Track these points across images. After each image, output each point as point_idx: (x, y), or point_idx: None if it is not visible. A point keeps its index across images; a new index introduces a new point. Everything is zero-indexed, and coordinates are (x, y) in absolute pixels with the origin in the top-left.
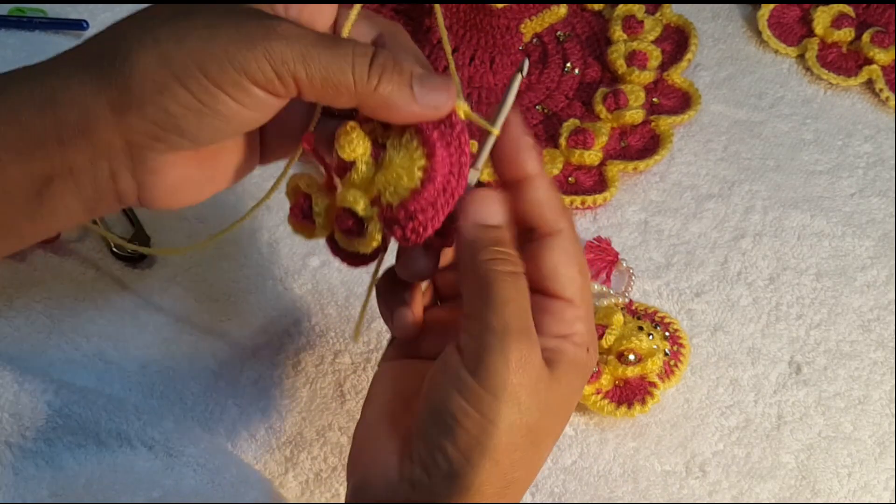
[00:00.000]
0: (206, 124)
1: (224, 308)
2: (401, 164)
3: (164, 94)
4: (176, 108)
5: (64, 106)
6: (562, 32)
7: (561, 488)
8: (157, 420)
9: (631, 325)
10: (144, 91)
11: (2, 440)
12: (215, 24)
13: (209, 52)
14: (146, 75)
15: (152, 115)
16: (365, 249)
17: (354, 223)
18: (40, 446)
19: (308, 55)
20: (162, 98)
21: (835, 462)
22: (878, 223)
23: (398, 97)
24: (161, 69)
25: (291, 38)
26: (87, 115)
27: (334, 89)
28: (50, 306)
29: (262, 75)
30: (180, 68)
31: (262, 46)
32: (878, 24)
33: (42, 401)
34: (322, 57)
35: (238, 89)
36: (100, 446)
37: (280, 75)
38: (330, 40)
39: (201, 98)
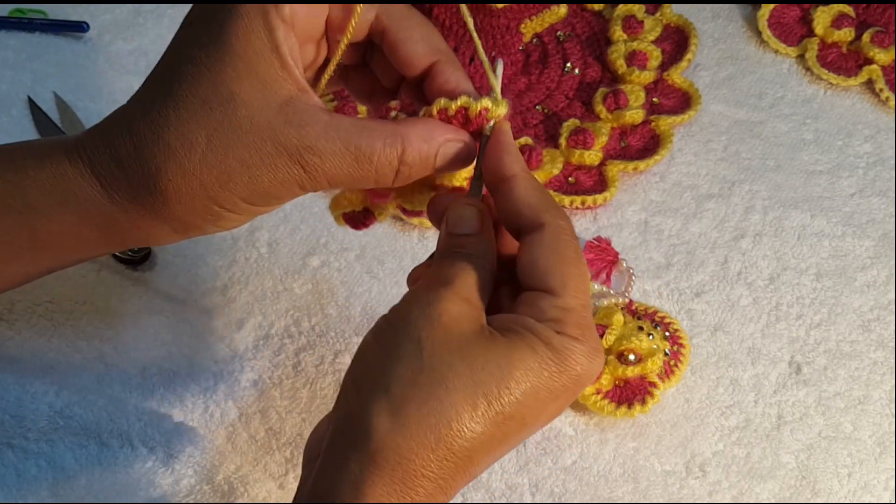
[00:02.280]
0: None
1: (224, 309)
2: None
3: (220, 220)
4: (229, 224)
5: (127, 229)
6: (562, 32)
7: (561, 488)
8: (158, 421)
9: (631, 325)
10: (202, 221)
11: (4, 441)
12: (252, 165)
13: (252, 192)
14: (202, 212)
15: (211, 230)
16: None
17: None
18: (42, 447)
19: (335, 181)
20: (218, 222)
21: (835, 462)
22: (878, 223)
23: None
24: (213, 206)
25: (321, 171)
26: (150, 234)
27: (359, 187)
28: (51, 309)
29: (294, 196)
30: (230, 204)
31: (296, 183)
32: (878, 24)
33: (44, 402)
34: (346, 177)
35: (277, 204)
36: (101, 447)
37: (306, 189)
38: (354, 158)
39: (248, 214)
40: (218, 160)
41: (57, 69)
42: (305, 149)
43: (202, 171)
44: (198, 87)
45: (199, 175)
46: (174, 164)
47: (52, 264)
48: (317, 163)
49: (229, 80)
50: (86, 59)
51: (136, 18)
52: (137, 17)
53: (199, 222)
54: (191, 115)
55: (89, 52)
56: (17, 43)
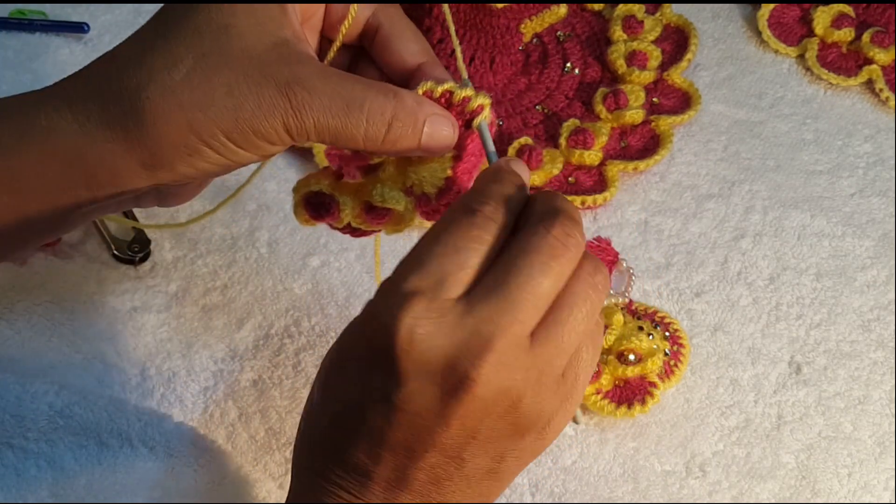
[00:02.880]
0: (225, 169)
1: (224, 309)
2: (435, 159)
3: (194, 156)
4: (203, 165)
5: (94, 164)
6: (562, 32)
7: (561, 488)
8: (158, 421)
9: (631, 325)
10: (175, 154)
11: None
12: (237, 90)
13: (234, 122)
14: (176, 141)
15: (182, 171)
16: (395, 230)
17: (386, 213)
18: (42, 447)
19: (321, 125)
20: (192, 159)
21: (835, 462)
22: (878, 223)
23: (408, 149)
24: (190, 135)
25: (305, 108)
26: (118, 172)
27: (346, 144)
28: (51, 309)
29: (279, 139)
30: (208, 135)
31: (280, 119)
32: (878, 24)
33: (43, 402)
34: (334, 123)
35: (258, 149)
36: (101, 447)
37: (294, 137)
38: (344, 103)
39: (226, 156)
40: (201, 81)
41: (57, 69)
42: (296, 81)
43: (183, 90)
44: (192, 16)
45: (180, 94)
46: (154, 83)
47: (12, 211)
48: (305, 98)
49: (226, 13)
50: (86, 60)
51: (136, 19)
52: (137, 18)
53: (172, 155)
54: (180, 40)
55: (89, 52)
56: (17, 44)
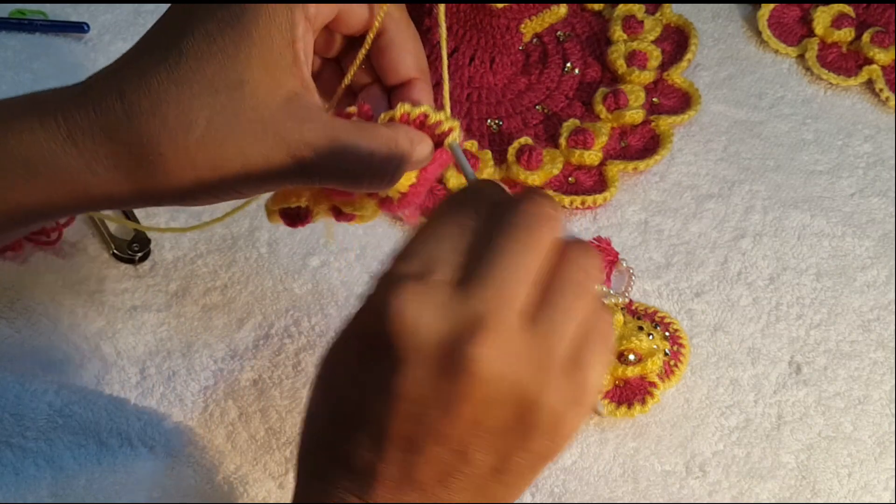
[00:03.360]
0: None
1: (224, 309)
2: None
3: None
4: (201, 203)
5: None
6: (562, 32)
7: (561, 488)
8: (158, 420)
9: (631, 325)
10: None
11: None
12: (249, 155)
13: (244, 180)
14: (183, 191)
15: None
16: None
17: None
18: (41, 446)
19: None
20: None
21: (835, 462)
22: (878, 223)
23: None
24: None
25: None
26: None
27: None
28: (51, 308)
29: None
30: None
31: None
32: (878, 24)
33: (43, 401)
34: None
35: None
36: (100, 446)
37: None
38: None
39: (221, 196)
40: (216, 145)
41: (57, 69)
42: (305, 145)
43: (197, 152)
44: (206, 66)
45: (193, 155)
46: (169, 141)
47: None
48: (314, 162)
49: (241, 66)
50: (86, 60)
51: (136, 19)
52: (137, 18)
53: (175, 198)
54: (195, 94)
55: (89, 52)
56: (17, 44)
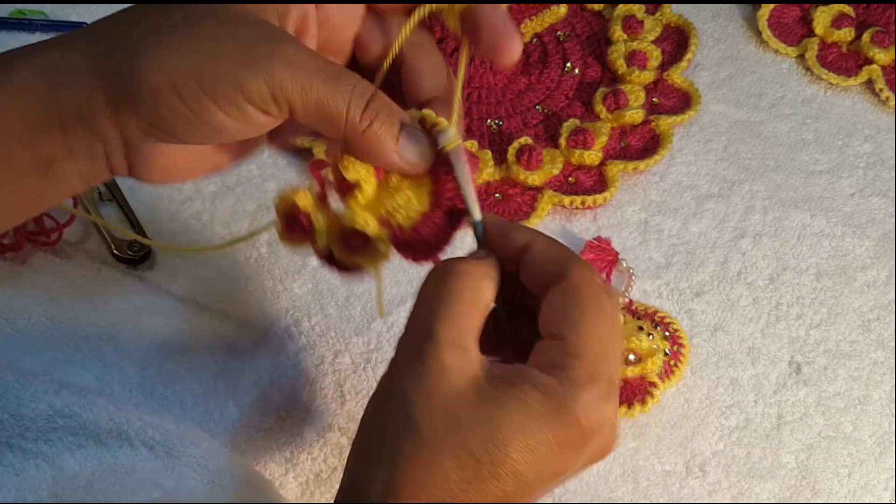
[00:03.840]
0: (196, 131)
1: (224, 309)
2: (409, 187)
3: (158, 99)
4: (168, 114)
5: (66, 96)
6: (562, 32)
7: (561, 488)
8: (158, 421)
9: (631, 325)
10: (141, 93)
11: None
12: (221, 39)
13: (209, 66)
14: (145, 78)
15: (146, 116)
16: (370, 265)
17: (361, 241)
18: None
19: (307, 84)
20: (155, 102)
21: (835, 462)
22: (878, 223)
23: (382, 145)
24: (160, 75)
25: (294, 64)
26: (85, 106)
27: (326, 120)
28: (51, 308)
29: (257, 96)
30: (179, 77)
31: (262, 69)
32: (878, 24)
33: (43, 401)
34: (320, 88)
35: (231, 105)
36: (100, 447)
37: (276, 98)
38: (333, 72)
39: (193, 108)
40: (186, 29)
41: None
42: (287, 41)
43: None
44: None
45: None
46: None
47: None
48: (295, 56)
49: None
50: None
51: None
52: None
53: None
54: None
55: None
56: (17, 43)
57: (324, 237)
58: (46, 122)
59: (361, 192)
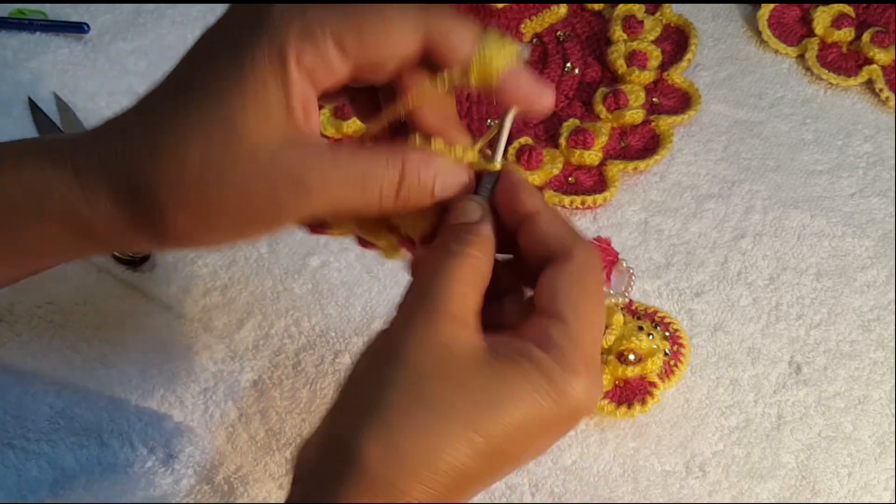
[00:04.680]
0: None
1: (224, 309)
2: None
3: (200, 242)
4: (205, 244)
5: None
6: (562, 32)
7: (561, 488)
8: (158, 421)
9: (631, 325)
10: (182, 240)
11: (5, 441)
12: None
13: (245, 218)
14: (183, 233)
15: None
16: (384, 257)
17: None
18: (42, 447)
19: (339, 205)
20: (197, 244)
21: (835, 462)
22: (878, 223)
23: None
24: (199, 228)
25: (321, 196)
26: (126, 243)
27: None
28: (51, 310)
29: (292, 225)
30: (216, 230)
31: (294, 213)
32: (878, 24)
33: (44, 403)
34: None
35: (266, 234)
36: (101, 447)
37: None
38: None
39: (234, 240)
40: (210, 183)
41: (57, 70)
42: (309, 172)
43: (191, 190)
44: (202, 109)
45: (188, 193)
46: (163, 178)
47: (29, 269)
48: (319, 186)
49: (233, 107)
50: (86, 60)
51: (136, 19)
52: (137, 18)
53: (178, 241)
54: (189, 134)
55: (89, 52)
56: (17, 43)
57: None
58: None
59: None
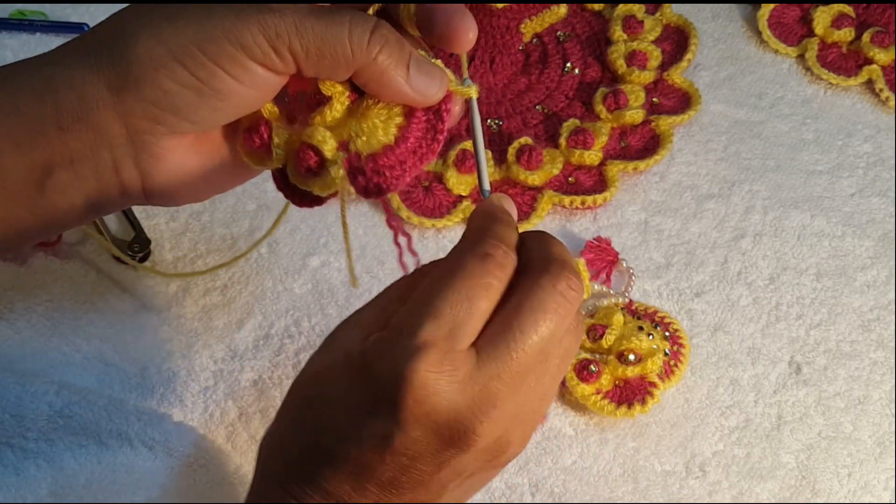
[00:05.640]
0: (204, 103)
1: (224, 309)
2: (378, 116)
3: (161, 71)
4: (173, 86)
5: (62, 90)
6: (562, 32)
7: (561, 488)
8: (157, 421)
9: (631, 325)
10: (142, 70)
11: (3, 441)
12: (212, 6)
13: (205, 29)
14: (143, 55)
15: (150, 95)
16: (321, 192)
17: (316, 163)
18: (41, 446)
19: (302, 25)
20: (159, 75)
21: (835, 462)
22: (878, 223)
23: (393, 74)
24: (158, 48)
25: (285, 10)
26: (85, 98)
27: (332, 60)
28: (51, 309)
29: (258, 49)
30: (177, 46)
31: (255, 20)
32: (878, 24)
33: (43, 402)
34: (317, 26)
35: (236, 65)
36: (100, 446)
37: (276, 48)
38: (326, 11)
39: (199, 75)
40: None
41: None
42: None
43: (159, 9)
44: None
45: (151, 11)
46: (130, 9)
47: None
48: (283, 5)
49: None
50: None
51: None
52: None
53: (139, 72)
54: None
55: None
56: (17, 44)
57: (281, 152)
58: (42, 122)
59: (330, 109)
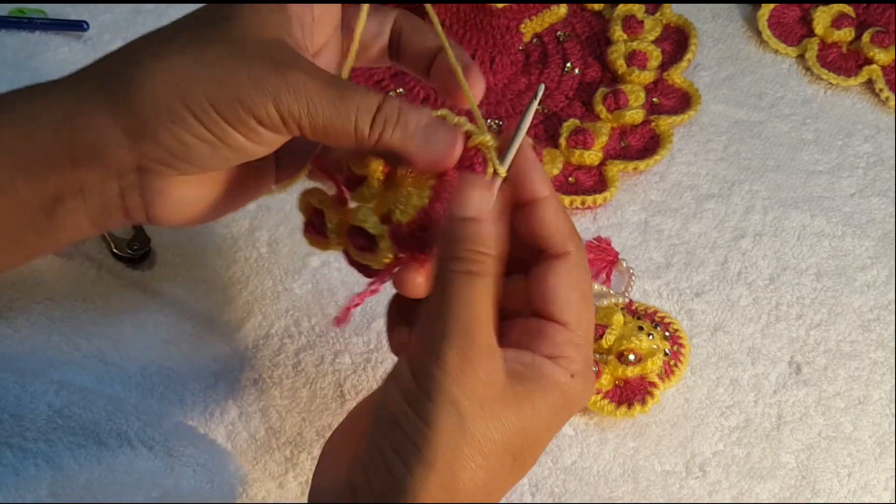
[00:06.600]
0: (216, 154)
1: (224, 308)
2: (412, 183)
3: (178, 124)
4: (189, 139)
5: (79, 129)
6: (562, 32)
7: (561, 488)
8: (157, 420)
9: (631, 325)
10: (158, 121)
11: (3, 440)
12: (228, 63)
13: (221, 89)
14: (161, 105)
15: (167, 144)
16: (377, 265)
17: (366, 240)
18: (41, 446)
19: (313, 107)
20: (176, 128)
21: (835, 462)
22: (878, 223)
23: (402, 150)
24: (175, 101)
25: (298, 88)
26: (101, 138)
27: (336, 138)
28: (50, 307)
29: (268, 119)
30: (192, 100)
31: (270, 94)
32: (878, 24)
33: (43, 401)
34: (326, 109)
35: (248, 129)
36: (100, 446)
37: (285, 121)
38: (337, 90)
39: (213, 131)
40: (194, 52)
41: (57, 68)
42: (291, 64)
43: (173, 57)
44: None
45: (170, 60)
46: (146, 54)
47: None
48: (299, 78)
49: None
50: (86, 59)
51: (136, 18)
52: (137, 17)
53: (155, 121)
54: (180, 26)
55: (89, 51)
56: (17, 42)
57: (335, 234)
58: (56, 155)
59: (367, 188)
